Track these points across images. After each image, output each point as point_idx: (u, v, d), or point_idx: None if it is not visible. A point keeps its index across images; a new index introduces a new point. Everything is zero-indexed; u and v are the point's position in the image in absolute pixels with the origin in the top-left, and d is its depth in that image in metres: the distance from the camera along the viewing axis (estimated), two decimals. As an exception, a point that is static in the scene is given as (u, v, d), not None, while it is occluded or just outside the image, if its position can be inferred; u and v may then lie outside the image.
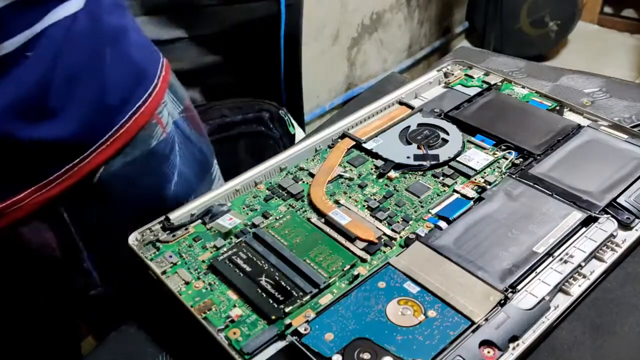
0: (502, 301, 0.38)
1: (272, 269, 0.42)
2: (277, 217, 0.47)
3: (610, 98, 0.59)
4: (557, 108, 0.57)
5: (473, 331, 0.37)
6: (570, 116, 0.56)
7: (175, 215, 0.47)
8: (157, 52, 0.53)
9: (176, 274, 0.43)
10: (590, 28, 2.14)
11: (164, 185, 0.53)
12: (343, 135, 0.56)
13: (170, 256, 0.44)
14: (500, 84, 0.62)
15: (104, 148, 0.45)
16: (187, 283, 0.42)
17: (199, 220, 0.47)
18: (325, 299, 0.40)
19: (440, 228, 0.45)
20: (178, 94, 0.54)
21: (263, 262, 0.43)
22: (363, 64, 1.69)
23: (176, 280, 0.42)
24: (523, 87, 0.61)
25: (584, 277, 0.40)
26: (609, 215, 0.44)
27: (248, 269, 0.42)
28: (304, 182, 0.51)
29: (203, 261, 0.44)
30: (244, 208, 0.49)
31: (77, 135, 0.43)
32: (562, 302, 0.39)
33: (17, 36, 0.39)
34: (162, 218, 0.47)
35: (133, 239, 0.46)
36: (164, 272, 0.43)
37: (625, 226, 0.44)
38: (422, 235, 0.44)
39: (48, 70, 0.41)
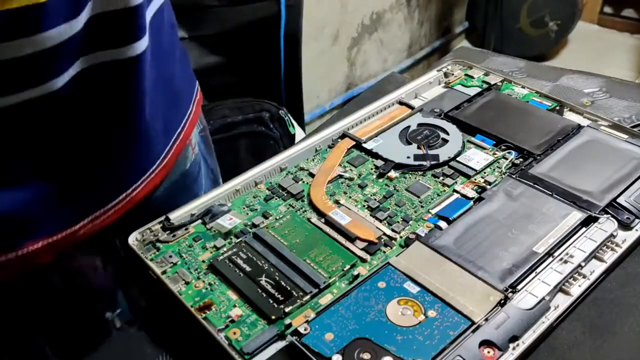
0: (502, 301, 0.38)
1: (272, 269, 0.42)
2: (277, 217, 0.47)
3: (610, 98, 0.59)
4: (557, 108, 0.57)
5: (473, 331, 0.37)
6: (570, 116, 0.56)
7: (176, 215, 0.47)
8: (192, 74, 0.52)
9: (176, 274, 0.43)
10: (590, 28, 2.14)
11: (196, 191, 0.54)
12: (343, 135, 0.56)
13: (171, 256, 0.44)
14: (500, 84, 0.62)
15: (152, 177, 0.47)
16: (187, 283, 0.42)
17: (199, 220, 0.47)
18: (325, 299, 0.40)
19: (440, 228, 0.45)
20: (200, 113, 0.55)
21: (263, 262, 0.43)
22: (363, 64, 1.69)
23: (176, 280, 0.42)
24: (523, 87, 0.61)
25: (584, 277, 0.40)
26: (609, 215, 0.44)
27: (248, 269, 0.42)
28: (304, 182, 0.51)
29: (203, 261, 0.44)
30: (244, 208, 0.49)
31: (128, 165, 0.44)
32: (562, 302, 0.39)
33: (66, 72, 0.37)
34: (162, 218, 0.47)
35: (133, 239, 0.46)
36: (164, 272, 0.43)
37: (625, 226, 0.44)
38: (422, 235, 0.44)
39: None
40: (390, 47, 1.78)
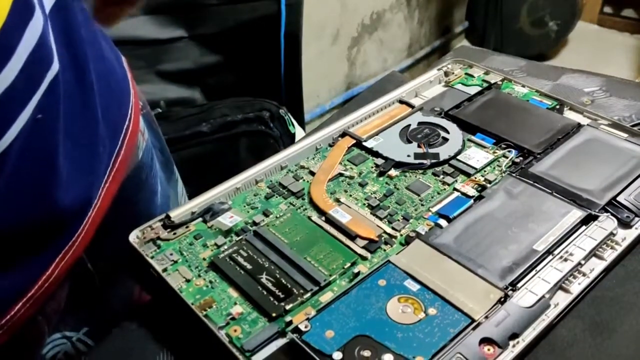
0: (502, 299, 0.38)
1: (272, 267, 0.42)
2: (278, 215, 0.47)
3: (610, 97, 0.59)
4: (558, 107, 0.57)
5: (473, 329, 0.37)
6: (570, 115, 0.56)
7: (176, 214, 0.48)
8: (117, 53, 0.48)
9: (177, 271, 0.43)
10: (590, 28, 2.14)
11: (153, 199, 0.52)
12: (343, 134, 0.56)
13: (171, 254, 0.44)
14: (501, 82, 0.62)
15: (109, 185, 0.43)
16: (187, 281, 0.42)
17: (200, 218, 0.48)
18: (326, 297, 0.40)
19: (440, 226, 0.45)
20: (137, 92, 0.50)
21: (264, 259, 0.43)
22: (363, 64, 1.69)
23: (177, 277, 0.43)
24: (523, 86, 0.61)
25: (584, 275, 0.41)
26: (608, 214, 0.44)
27: (249, 266, 0.43)
28: (304, 180, 0.51)
29: (204, 259, 0.44)
30: (244, 206, 0.49)
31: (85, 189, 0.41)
32: (562, 300, 0.39)
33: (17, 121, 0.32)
34: (163, 216, 0.47)
35: (134, 236, 0.46)
36: (164, 270, 0.43)
37: (625, 224, 0.44)
38: (423, 233, 0.45)
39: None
40: (390, 47, 1.78)
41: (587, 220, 0.44)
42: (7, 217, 0.34)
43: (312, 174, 0.52)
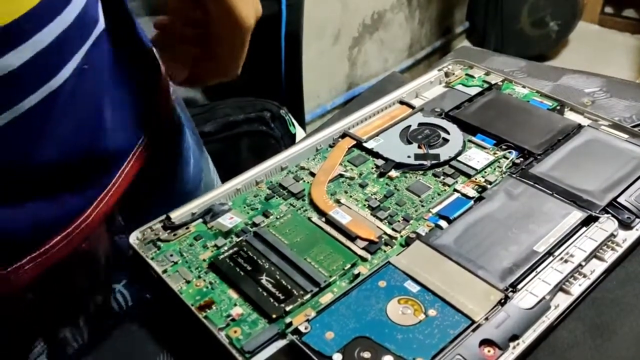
0: (503, 300, 0.38)
1: (272, 268, 0.42)
2: (278, 216, 0.47)
3: (611, 98, 0.59)
4: (558, 108, 0.57)
5: (473, 330, 0.37)
6: (571, 116, 0.56)
7: (176, 215, 0.48)
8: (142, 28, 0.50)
9: (177, 272, 0.43)
10: (590, 28, 2.14)
11: (185, 167, 0.55)
12: (344, 135, 0.56)
13: (171, 255, 0.44)
14: (501, 83, 0.62)
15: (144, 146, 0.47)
16: (187, 282, 0.42)
17: (200, 219, 0.48)
18: (326, 298, 0.40)
19: (440, 227, 0.45)
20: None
21: (264, 261, 0.43)
22: (364, 64, 1.70)
23: (177, 279, 0.43)
24: (524, 86, 0.61)
25: (585, 276, 0.41)
26: (609, 215, 0.44)
27: (249, 267, 0.42)
28: (304, 181, 0.51)
29: (204, 260, 0.44)
30: (244, 207, 0.49)
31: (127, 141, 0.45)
32: (562, 302, 0.39)
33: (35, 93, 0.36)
34: (163, 217, 0.47)
35: (134, 237, 0.46)
36: (164, 271, 0.43)
37: (625, 226, 0.44)
38: (423, 234, 0.44)
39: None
40: (391, 47, 1.78)
41: (588, 221, 0.44)
42: (53, 151, 0.38)
43: (313, 174, 0.52)
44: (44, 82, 0.35)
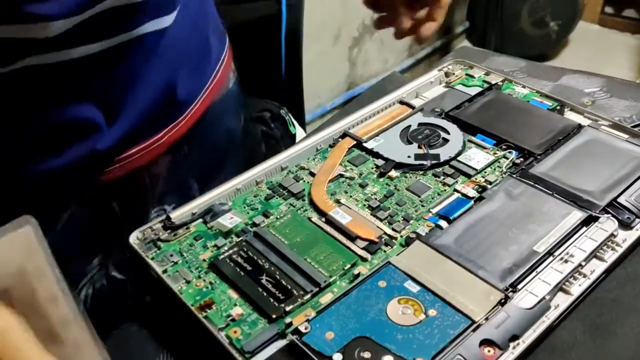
0: (503, 300, 0.38)
1: (272, 268, 0.42)
2: (278, 217, 0.47)
3: (611, 98, 0.59)
4: (558, 108, 0.57)
5: (473, 330, 0.37)
6: (571, 116, 0.56)
7: (176, 215, 0.48)
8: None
9: (177, 272, 0.43)
10: (591, 28, 2.14)
11: (235, 136, 0.63)
12: (344, 135, 0.56)
13: (171, 255, 0.44)
14: (501, 83, 0.62)
15: (209, 92, 0.55)
16: (187, 282, 0.42)
17: (200, 219, 0.48)
18: (326, 298, 0.40)
19: (440, 227, 0.45)
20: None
21: (264, 261, 0.43)
22: (364, 64, 1.69)
23: (177, 279, 0.43)
24: (524, 86, 0.61)
25: (584, 276, 0.41)
26: (609, 215, 0.44)
27: (249, 267, 0.42)
28: (304, 181, 0.51)
29: (204, 260, 0.44)
30: (244, 207, 0.49)
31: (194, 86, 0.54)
32: (562, 302, 0.39)
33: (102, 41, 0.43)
34: (164, 217, 0.47)
35: (134, 237, 0.46)
36: (164, 271, 0.43)
37: (625, 226, 0.44)
38: (423, 234, 0.44)
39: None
40: (391, 47, 1.78)
41: (588, 221, 0.44)
42: (162, 76, 0.49)
43: (313, 175, 0.52)
44: (159, 14, 0.45)
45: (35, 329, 0.27)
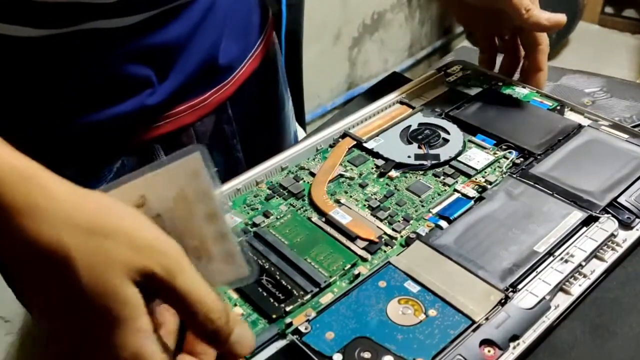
0: (503, 300, 0.38)
1: (273, 268, 0.42)
2: (278, 217, 0.47)
3: (611, 98, 0.59)
4: (558, 108, 0.57)
5: (474, 330, 0.37)
6: (571, 116, 0.56)
7: (176, 215, 0.47)
8: None
9: (177, 272, 0.43)
10: (591, 28, 2.14)
11: (283, 110, 0.68)
12: (344, 135, 0.56)
13: (171, 255, 0.44)
14: (501, 83, 0.62)
15: (253, 59, 0.59)
16: (188, 282, 0.42)
17: (200, 220, 0.47)
18: (326, 298, 0.40)
19: (441, 227, 0.45)
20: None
21: (264, 261, 0.43)
22: (364, 64, 1.69)
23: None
24: (524, 86, 0.61)
25: (585, 276, 0.41)
26: (609, 215, 0.44)
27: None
28: (304, 181, 0.51)
29: (204, 260, 0.44)
30: (244, 207, 0.49)
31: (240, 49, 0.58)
32: (562, 302, 0.39)
33: None
34: (163, 217, 0.47)
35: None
36: (165, 271, 0.43)
37: (625, 226, 0.44)
38: (423, 234, 0.44)
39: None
40: (391, 47, 1.78)
41: (588, 221, 0.44)
42: (235, 49, 0.56)
43: (313, 175, 0.52)
44: None
45: (186, 247, 0.30)
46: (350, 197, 0.49)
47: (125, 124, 0.50)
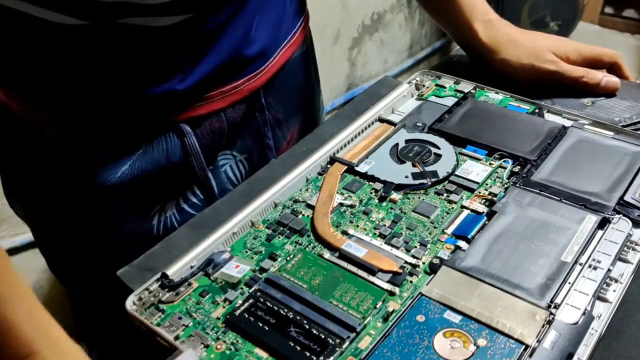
0: (549, 318, 0.37)
1: (298, 317, 0.39)
2: (288, 258, 0.44)
3: (611, 98, 0.60)
4: (537, 110, 0.57)
5: (530, 355, 0.35)
6: (550, 117, 0.56)
7: (173, 271, 0.43)
8: None
9: (191, 337, 0.38)
10: (591, 28, 2.15)
11: (315, 96, 0.71)
12: (332, 161, 0.53)
13: (180, 318, 0.40)
14: (474, 91, 0.61)
15: (285, 50, 0.61)
16: (206, 346, 0.38)
17: (201, 272, 0.43)
18: (365, 342, 0.37)
19: (461, 248, 0.43)
20: None
21: (286, 310, 0.39)
22: (364, 64, 1.67)
23: (193, 344, 0.38)
24: (497, 92, 0.61)
25: (616, 281, 0.40)
26: (620, 215, 0.44)
27: (272, 320, 0.39)
28: (304, 215, 0.48)
29: (218, 318, 0.40)
30: (246, 252, 0.45)
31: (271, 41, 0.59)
32: (603, 311, 0.38)
33: None
34: (159, 275, 0.42)
35: (130, 303, 0.41)
36: (176, 338, 0.38)
37: (637, 223, 0.44)
38: (446, 258, 0.43)
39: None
40: (391, 48, 1.76)
41: (603, 223, 0.44)
42: (263, 39, 0.57)
43: (310, 207, 0.48)
44: None
45: None
46: (357, 226, 0.46)
47: (155, 105, 0.52)
